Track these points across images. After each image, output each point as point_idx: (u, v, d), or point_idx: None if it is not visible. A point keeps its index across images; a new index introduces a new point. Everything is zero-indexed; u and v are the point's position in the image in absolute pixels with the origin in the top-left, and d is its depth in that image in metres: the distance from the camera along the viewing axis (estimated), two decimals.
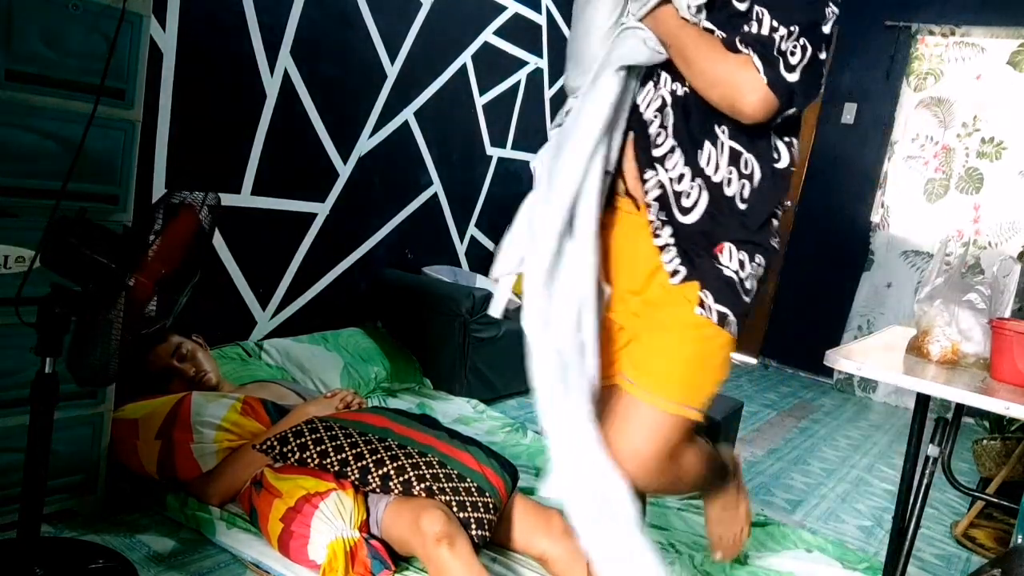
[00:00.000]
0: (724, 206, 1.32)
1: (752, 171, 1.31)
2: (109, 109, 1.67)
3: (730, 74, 1.23)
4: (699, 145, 1.31)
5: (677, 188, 1.32)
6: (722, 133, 1.30)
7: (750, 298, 1.37)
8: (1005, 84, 4.37)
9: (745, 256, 1.34)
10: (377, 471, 1.82)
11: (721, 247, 1.33)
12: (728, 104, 1.25)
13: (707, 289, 1.33)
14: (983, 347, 1.59)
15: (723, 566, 2.06)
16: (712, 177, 1.31)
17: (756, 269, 1.36)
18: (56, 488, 1.76)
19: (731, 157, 1.31)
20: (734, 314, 1.34)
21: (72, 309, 1.40)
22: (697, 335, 1.34)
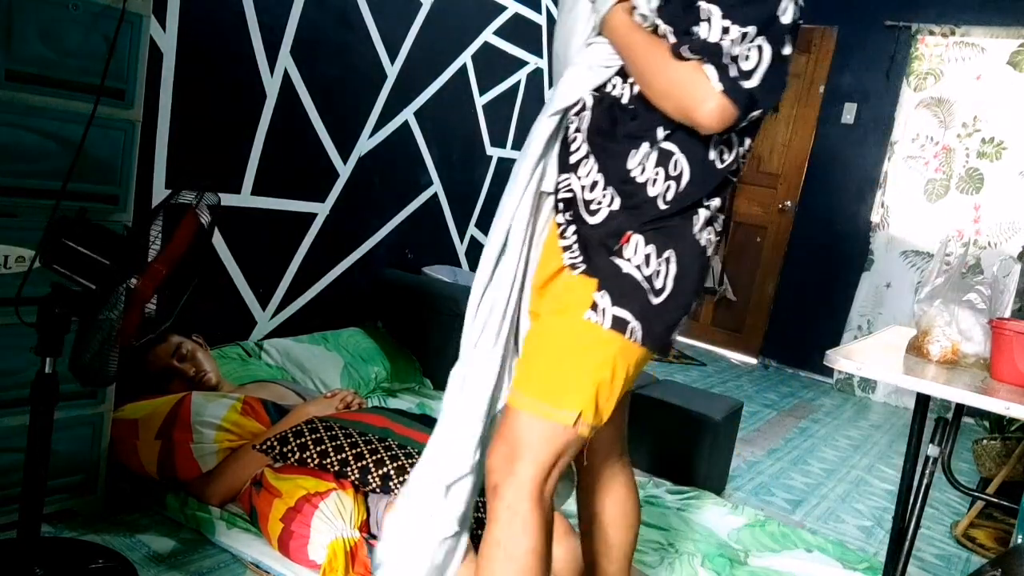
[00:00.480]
0: (642, 204, 1.23)
1: (681, 173, 1.22)
2: (109, 109, 1.67)
3: (681, 85, 1.15)
4: (627, 148, 1.23)
5: (588, 196, 1.26)
6: (660, 133, 1.22)
7: (666, 298, 1.23)
8: (1005, 84, 4.37)
9: (653, 249, 1.22)
10: (377, 471, 1.82)
11: (628, 237, 1.23)
12: (682, 116, 1.17)
13: (604, 289, 1.23)
14: (983, 347, 1.59)
15: (723, 566, 2.06)
16: (637, 177, 1.23)
17: (667, 265, 1.23)
18: (56, 488, 1.76)
19: (661, 157, 1.22)
20: (638, 318, 1.21)
21: (72, 309, 1.40)
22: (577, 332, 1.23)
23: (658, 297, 1.22)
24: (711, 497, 2.51)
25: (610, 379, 1.23)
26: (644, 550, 2.10)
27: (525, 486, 1.22)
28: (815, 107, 5.02)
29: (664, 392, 2.81)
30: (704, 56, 1.12)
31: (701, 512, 2.39)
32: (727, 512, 2.41)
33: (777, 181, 5.20)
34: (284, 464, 1.89)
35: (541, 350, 1.27)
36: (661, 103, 1.19)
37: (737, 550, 2.20)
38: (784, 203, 5.15)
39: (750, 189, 5.29)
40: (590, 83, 1.27)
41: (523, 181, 1.31)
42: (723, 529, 2.31)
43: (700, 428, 2.64)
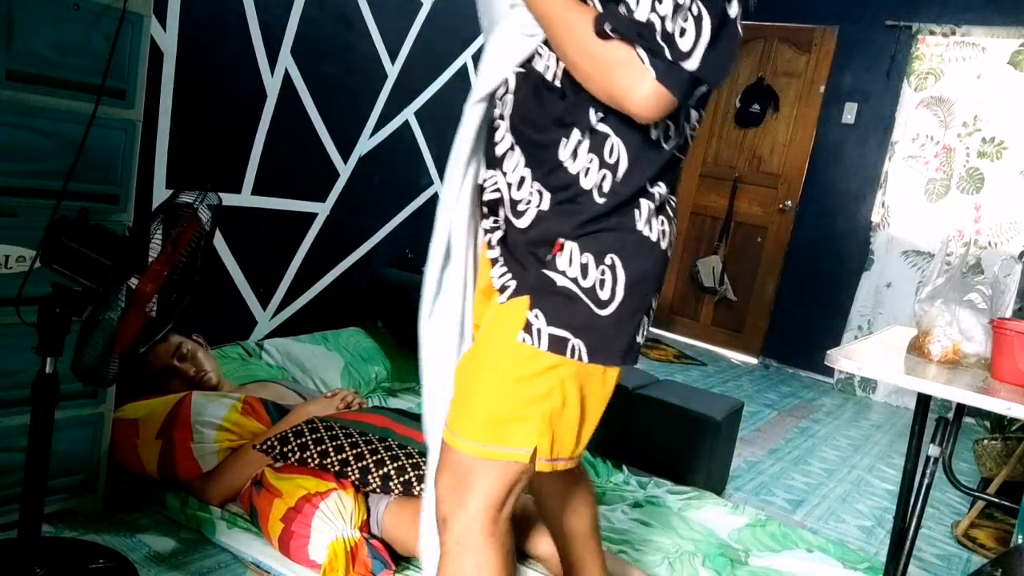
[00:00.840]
0: (576, 200, 1.08)
1: (618, 160, 1.07)
2: (110, 109, 1.67)
3: (609, 69, 0.98)
4: (555, 134, 1.08)
5: (515, 195, 1.12)
6: (593, 115, 1.06)
7: (617, 307, 1.09)
8: (1006, 84, 4.37)
9: (590, 258, 1.07)
10: (378, 471, 1.82)
11: (560, 245, 1.08)
12: (612, 104, 1.02)
13: (537, 307, 1.08)
14: (984, 347, 1.59)
15: (724, 566, 2.06)
16: (569, 168, 1.07)
17: (612, 272, 1.08)
18: (56, 488, 1.76)
19: (595, 143, 1.07)
20: (580, 335, 1.07)
21: (73, 309, 1.40)
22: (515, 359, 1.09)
23: (605, 309, 1.08)
24: (711, 497, 2.51)
25: (561, 406, 1.09)
26: (644, 550, 2.10)
27: (477, 520, 1.10)
28: (815, 107, 5.01)
29: (664, 392, 2.80)
30: (633, 37, 0.96)
31: (701, 512, 2.39)
32: (727, 512, 2.41)
33: (777, 181, 5.20)
34: (284, 464, 1.89)
35: (477, 381, 1.12)
36: (588, 87, 1.03)
37: (738, 550, 2.20)
38: (784, 203, 5.15)
39: (750, 189, 5.29)
40: (514, 57, 1.09)
41: (456, 180, 1.18)
42: (723, 529, 2.31)
43: (700, 428, 2.64)
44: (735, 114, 5.35)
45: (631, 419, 2.77)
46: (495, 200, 1.15)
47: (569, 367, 1.09)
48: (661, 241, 1.13)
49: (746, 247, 5.32)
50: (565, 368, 1.08)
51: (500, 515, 1.12)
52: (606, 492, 2.43)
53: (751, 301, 5.30)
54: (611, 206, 1.08)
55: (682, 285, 5.60)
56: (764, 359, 5.24)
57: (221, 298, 2.83)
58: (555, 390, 1.09)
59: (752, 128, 5.28)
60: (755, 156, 5.28)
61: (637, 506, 2.37)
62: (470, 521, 1.11)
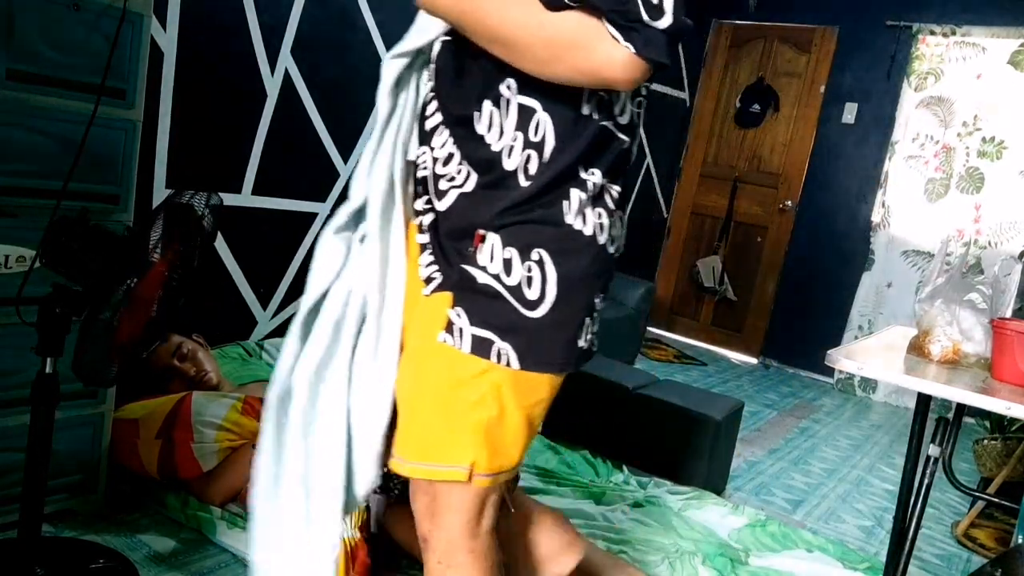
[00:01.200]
0: (500, 183, 0.98)
1: (544, 137, 0.96)
2: (110, 109, 1.67)
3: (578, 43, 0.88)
4: (477, 107, 0.98)
5: (440, 171, 1.02)
6: (508, 89, 0.96)
7: (549, 309, 0.98)
8: (1006, 84, 4.37)
9: (514, 253, 0.97)
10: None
11: (480, 238, 0.98)
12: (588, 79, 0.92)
13: (460, 304, 1.00)
14: (984, 347, 1.59)
15: (723, 566, 2.06)
16: (492, 146, 0.98)
17: (540, 269, 0.97)
18: (56, 488, 1.76)
19: (520, 119, 0.97)
20: (506, 338, 0.98)
21: (73, 309, 1.40)
22: (438, 365, 1.01)
23: (534, 310, 0.98)
24: (711, 497, 2.51)
25: (499, 416, 1.00)
26: (644, 550, 2.10)
27: (456, 539, 1.06)
28: (816, 107, 5.01)
29: (664, 392, 2.80)
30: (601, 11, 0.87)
31: (701, 512, 2.39)
32: (727, 512, 2.41)
33: (778, 181, 5.19)
34: None
35: (408, 393, 1.05)
36: (547, 71, 0.92)
37: (738, 550, 2.20)
38: (785, 203, 5.15)
39: (751, 189, 5.29)
40: (441, 23, 1.00)
41: (371, 147, 1.06)
42: (723, 529, 2.31)
43: (700, 428, 2.64)
44: (735, 114, 5.35)
45: (631, 419, 2.77)
46: (424, 178, 1.05)
47: (501, 373, 0.98)
48: (598, 235, 1.01)
49: (746, 247, 5.32)
50: (498, 373, 0.98)
51: (479, 529, 1.07)
52: (606, 492, 2.43)
53: (751, 301, 5.30)
54: (536, 190, 0.97)
55: (682, 285, 5.60)
56: (764, 359, 5.23)
57: (221, 298, 2.83)
58: (488, 398, 0.99)
59: (752, 128, 5.28)
60: (755, 156, 5.28)
61: (637, 506, 2.37)
62: (448, 540, 1.06)
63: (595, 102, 0.98)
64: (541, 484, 2.41)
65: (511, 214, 0.98)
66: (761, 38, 5.26)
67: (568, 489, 2.40)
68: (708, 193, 5.49)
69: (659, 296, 5.44)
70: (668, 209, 5.66)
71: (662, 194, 5.54)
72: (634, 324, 4.41)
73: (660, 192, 5.51)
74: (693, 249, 5.54)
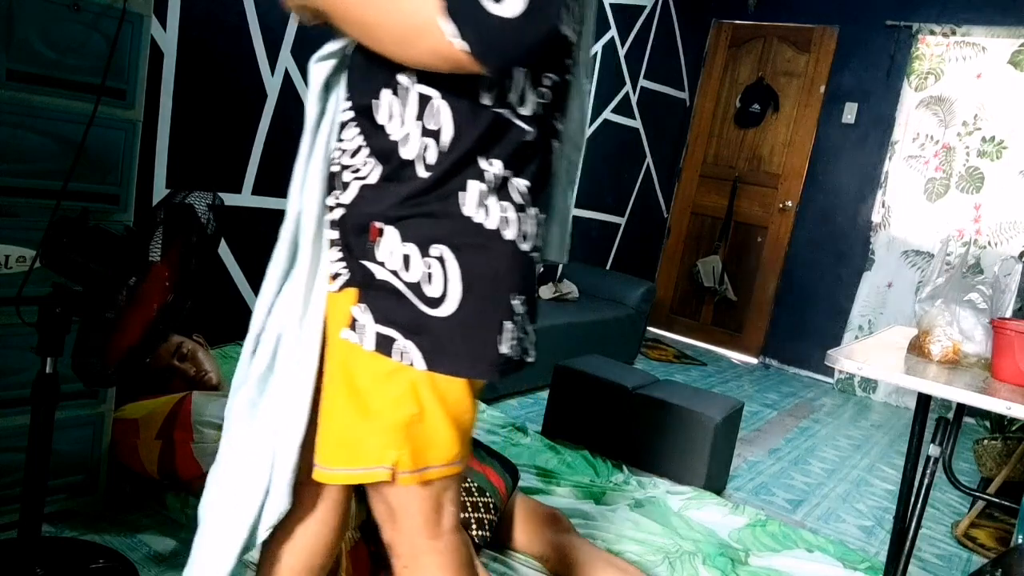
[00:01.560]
0: (400, 174, 0.95)
1: (441, 126, 0.93)
2: (110, 109, 1.67)
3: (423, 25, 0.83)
4: (376, 96, 0.96)
5: (348, 162, 0.99)
6: (407, 78, 0.94)
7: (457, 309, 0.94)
8: (1006, 83, 4.37)
9: (413, 249, 0.94)
10: None
11: (378, 231, 0.95)
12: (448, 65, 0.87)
13: (364, 300, 0.96)
14: (984, 347, 1.59)
15: (723, 566, 2.06)
16: (392, 135, 0.95)
17: (441, 266, 0.94)
18: (56, 488, 1.76)
19: (419, 107, 0.94)
20: (410, 336, 0.94)
21: (73, 309, 1.40)
22: (347, 365, 0.99)
23: (437, 308, 0.94)
24: (711, 497, 2.51)
25: (419, 415, 0.97)
26: (644, 550, 2.10)
27: (417, 540, 1.05)
28: (816, 107, 5.02)
29: (664, 392, 2.81)
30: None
31: (701, 512, 2.39)
32: (728, 512, 2.41)
33: (778, 181, 5.20)
34: None
35: (323, 397, 1.02)
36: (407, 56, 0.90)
37: (738, 550, 2.20)
38: (785, 203, 5.15)
39: (751, 189, 5.29)
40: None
41: (304, 153, 1.02)
42: (724, 529, 2.31)
43: (700, 428, 2.64)
44: (735, 114, 5.35)
45: (631, 419, 2.77)
46: (334, 173, 1.01)
47: (412, 373, 0.95)
48: (504, 230, 0.96)
49: (746, 247, 5.32)
50: (408, 374, 0.95)
51: (439, 529, 1.05)
52: (606, 492, 2.43)
53: (751, 301, 5.30)
54: (434, 180, 0.93)
55: (682, 285, 5.60)
56: (764, 359, 5.24)
57: (221, 298, 2.83)
58: (406, 397, 0.96)
59: (752, 128, 5.28)
60: (755, 156, 5.29)
61: (637, 506, 2.37)
62: (410, 543, 1.05)
63: (495, 92, 0.94)
64: (541, 484, 2.41)
65: (408, 206, 0.94)
66: (761, 38, 5.26)
67: (568, 489, 2.40)
68: (708, 193, 5.49)
69: (659, 296, 5.44)
70: (668, 209, 5.66)
71: (662, 194, 5.54)
72: (634, 324, 4.41)
73: (660, 192, 5.51)
74: (693, 249, 5.54)
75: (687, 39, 5.29)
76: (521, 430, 2.87)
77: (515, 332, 0.99)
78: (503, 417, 3.02)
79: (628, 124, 4.99)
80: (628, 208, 5.23)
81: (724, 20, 5.41)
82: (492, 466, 1.93)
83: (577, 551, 1.84)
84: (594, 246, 5.02)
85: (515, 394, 3.51)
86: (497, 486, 1.89)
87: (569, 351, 3.42)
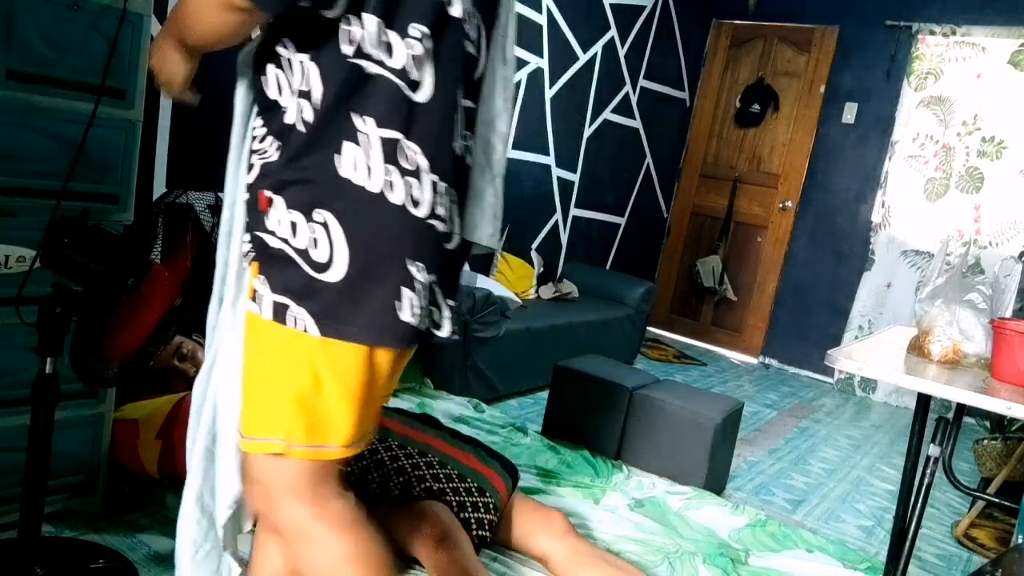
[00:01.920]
0: (286, 140, 0.98)
1: (312, 86, 0.96)
2: (110, 109, 1.67)
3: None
4: (263, 72, 1.01)
5: (256, 147, 1.04)
6: (285, 48, 0.98)
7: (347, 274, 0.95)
8: (1006, 83, 4.37)
9: (299, 216, 0.95)
10: (377, 471, 1.82)
11: (267, 200, 0.98)
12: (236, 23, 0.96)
13: (263, 272, 0.99)
14: (984, 347, 1.59)
15: (723, 566, 2.06)
16: (283, 107, 0.99)
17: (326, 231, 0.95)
18: (56, 488, 1.76)
19: (297, 74, 0.98)
20: (302, 302, 0.96)
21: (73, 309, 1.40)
22: (252, 336, 1.02)
23: (326, 272, 0.95)
24: (711, 497, 2.51)
25: (314, 387, 0.98)
26: (644, 550, 2.09)
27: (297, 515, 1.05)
28: (816, 107, 5.01)
29: (664, 392, 2.81)
30: None
31: (701, 512, 2.39)
32: (728, 512, 2.41)
33: (778, 181, 5.20)
34: None
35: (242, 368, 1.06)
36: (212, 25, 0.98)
37: (738, 550, 2.20)
38: (785, 203, 5.15)
39: (750, 189, 5.29)
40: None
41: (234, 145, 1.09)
42: (724, 529, 2.31)
43: (700, 428, 2.64)
44: (735, 114, 5.35)
45: (631, 419, 2.77)
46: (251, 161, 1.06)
47: (308, 342, 0.96)
48: (388, 194, 0.96)
49: (746, 247, 5.32)
50: (306, 342, 0.96)
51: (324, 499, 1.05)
52: (606, 492, 2.43)
53: (751, 301, 5.30)
54: (310, 139, 0.96)
55: (682, 285, 5.60)
56: (764, 359, 5.24)
57: None
58: (300, 368, 0.98)
59: (752, 128, 5.28)
60: (755, 156, 5.29)
61: (637, 506, 2.37)
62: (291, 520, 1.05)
63: (355, 46, 0.95)
64: (541, 484, 2.41)
65: (291, 171, 0.97)
66: (761, 38, 5.26)
67: (568, 489, 2.40)
68: (708, 193, 5.49)
69: (659, 296, 5.44)
70: (668, 209, 5.66)
71: (662, 194, 5.54)
72: (634, 324, 4.41)
73: (660, 192, 5.52)
74: (693, 249, 5.54)
75: (687, 39, 5.29)
76: (521, 430, 2.87)
77: (418, 300, 0.99)
78: (503, 417, 3.02)
79: (628, 124, 4.99)
80: (628, 208, 5.23)
81: (724, 20, 5.41)
82: (492, 466, 1.93)
83: (577, 551, 1.84)
84: (594, 246, 5.02)
85: (515, 394, 3.51)
86: (497, 486, 1.89)
87: (569, 351, 3.42)
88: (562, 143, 4.46)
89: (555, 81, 4.28)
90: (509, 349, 3.37)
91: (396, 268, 0.97)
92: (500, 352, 3.33)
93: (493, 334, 3.29)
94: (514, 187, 4.17)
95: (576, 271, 4.59)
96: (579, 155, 4.64)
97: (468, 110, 1.08)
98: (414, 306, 0.99)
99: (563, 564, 1.82)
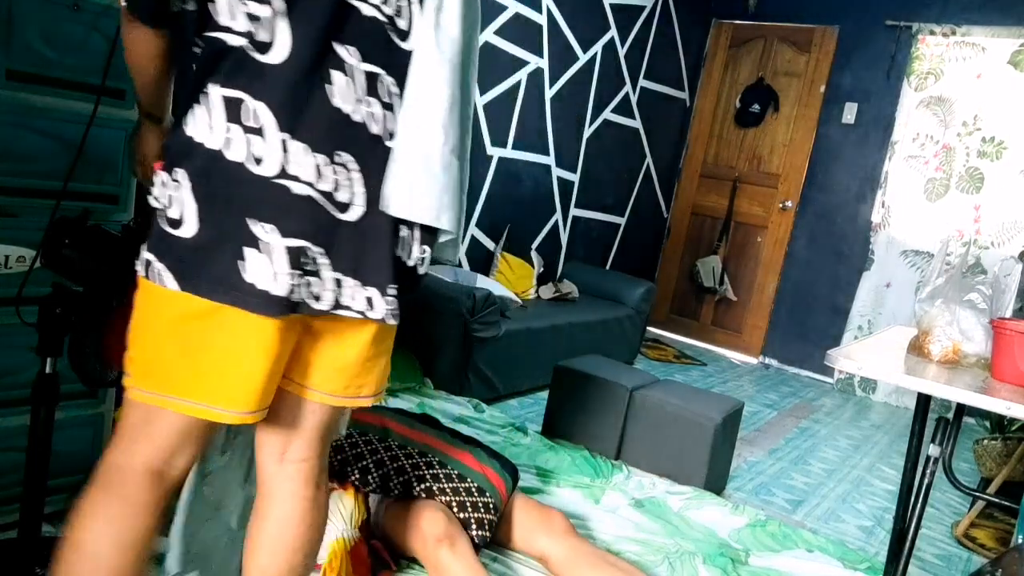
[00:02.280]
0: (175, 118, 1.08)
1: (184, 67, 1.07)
2: (109, 109, 1.67)
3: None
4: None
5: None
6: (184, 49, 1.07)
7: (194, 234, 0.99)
8: (1006, 83, 4.37)
9: (165, 176, 1.02)
10: (377, 471, 1.82)
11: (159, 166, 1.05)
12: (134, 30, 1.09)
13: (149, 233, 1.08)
14: (984, 347, 1.59)
15: (723, 566, 2.06)
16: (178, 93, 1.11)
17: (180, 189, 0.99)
18: (56, 488, 1.75)
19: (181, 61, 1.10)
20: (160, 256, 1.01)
21: (73, 309, 1.40)
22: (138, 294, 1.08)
23: (179, 229, 0.99)
24: (711, 497, 2.51)
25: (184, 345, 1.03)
26: (644, 550, 2.10)
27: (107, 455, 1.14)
28: (816, 107, 5.02)
29: (664, 392, 2.81)
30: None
31: (701, 512, 2.39)
32: (728, 512, 2.41)
33: (778, 181, 5.20)
34: None
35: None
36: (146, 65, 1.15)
37: (738, 550, 2.20)
38: (784, 203, 5.15)
39: (750, 189, 5.29)
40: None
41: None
42: (724, 529, 2.31)
43: (700, 428, 2.64)
44: (735, 114, 5.35)
45: (631, 419, 2.77)
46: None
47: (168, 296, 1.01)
48: (226, 151, 0.98)
49: (746, 247, 5.32)
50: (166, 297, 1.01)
51: (132, 450, 1.16)
52: (606, 492, 2.43)
53: (751, 301, 5.30)
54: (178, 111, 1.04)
55: (682, 285, 5.60)
56: (764, 359, 5.24)
57: None
58: (153, 312, 1.05)
59: (752, 128, 5.28)
60: (755, 156, 5.29)
61: (637, 506, 2.37)
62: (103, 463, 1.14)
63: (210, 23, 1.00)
64: (541, 484, 2.41)
65: (167, 139, 1.06)
66: (761, 38, 5.26)
67: (568, 489, 2.40)
68: (708, 193, 5.49)
69: (659, 296, 5.43)
70: (668, 209, 5.66)
71: (662, 194, 5.54)
72: (634, 324, 4.41)
73: (660, 192, 5.52)
74: (693, 249, 5.54)
75: (687, 39, 5.29)
76: (521, 430, 2.87)
77: (272, 266, 0.99)
78: (503, 417, 3.02)
79: (628, 124, 4.99)
80: (628, 208, 5.23)
81: (724, 20, 5.41)
82: (492, 466, 1.93)
83: (577, 551, 1.84)
84: (594, 246, 5.02)
85: (515, 394, 3.51)
86: (497, 486, 1.89)
87: (569, 351, 3.42)
88: (562, 143, 4.46)
89: (555, 81, 4.28)
90: (509, 349, 3.37)
91: (237, 228, 0.99)
92: (500, 352, 3.33)
93: (493, 334, 3.29)
94: (514, 187, 4.17)
95: (576, 271, 4.59)
96: (579, 155, 4.64)
97: (371, 75, 1.05)
98: (267, 270, 0.99)
99: (563, 564, 1.82)
